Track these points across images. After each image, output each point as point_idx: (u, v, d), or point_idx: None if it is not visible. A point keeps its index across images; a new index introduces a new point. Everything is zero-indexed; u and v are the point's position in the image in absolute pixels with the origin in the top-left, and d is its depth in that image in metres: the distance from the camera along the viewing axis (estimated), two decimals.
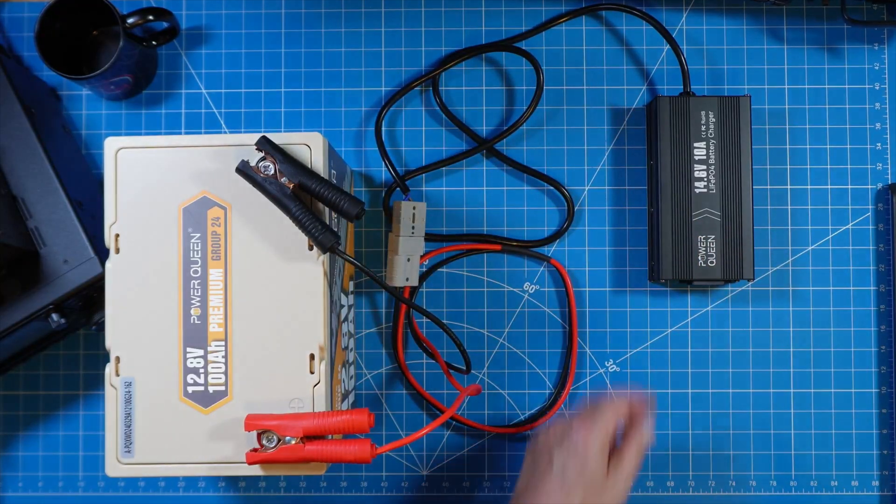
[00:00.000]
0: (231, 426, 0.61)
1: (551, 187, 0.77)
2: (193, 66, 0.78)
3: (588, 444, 0.64)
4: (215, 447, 0.61)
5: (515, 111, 0.77)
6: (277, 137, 0.61)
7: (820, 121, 0.77)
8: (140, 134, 0.78)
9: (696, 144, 0.71)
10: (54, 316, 0.67)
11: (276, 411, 0.60)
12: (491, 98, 0.78)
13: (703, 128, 0.71)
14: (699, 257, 0.71)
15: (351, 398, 0.73)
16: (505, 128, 0.77)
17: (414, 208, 0.73)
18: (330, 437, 0.61)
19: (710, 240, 0.71)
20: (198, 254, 0.62)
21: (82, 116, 0.78)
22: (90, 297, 0.70)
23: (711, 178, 0.71)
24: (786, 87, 0.77)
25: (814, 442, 0.76)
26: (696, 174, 0.71)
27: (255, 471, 0.60)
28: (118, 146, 0.63)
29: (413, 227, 0.73)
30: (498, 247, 0.77)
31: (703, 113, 0.71)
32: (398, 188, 0.76)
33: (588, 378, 0.77)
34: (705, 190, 0.71)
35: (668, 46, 0.76)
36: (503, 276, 0.77)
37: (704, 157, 0.71)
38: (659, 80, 0.77)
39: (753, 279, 0.72)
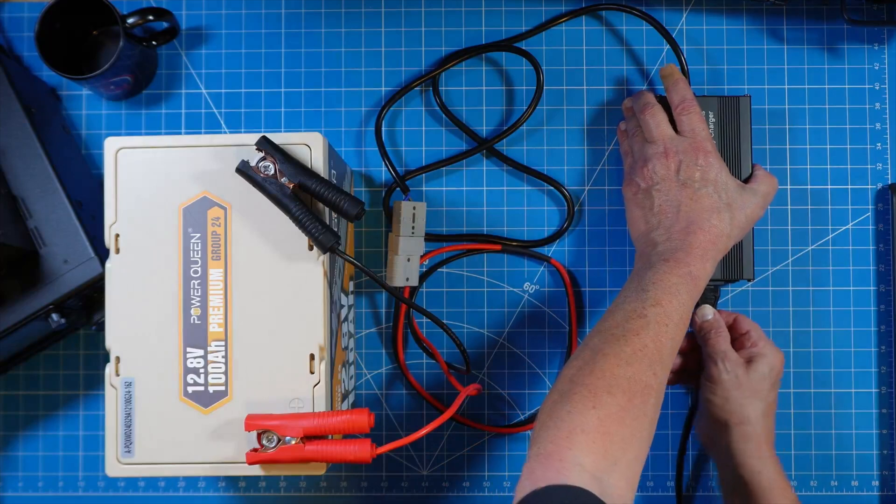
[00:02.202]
0: (231, 426, 0.61)
1: (551, 187, 0.77)
2: (193, 66, 0.78)
3: (710, 161, 0.66)
4: (215, 447, 0.61)
5: (515, 111, 0.77)
6: (277, 137, 0.61)
7: (820, 121, 0.77)
8: (140, 134, 0.78)
9: None
10: (54, 316, 0.67)
11: (276, 411, 0.60)
12: (491, 98, 0.78)
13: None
14: None
15: (351, 398, 0.73)
16: (505, 128, 0.77)
17: (414, 208, 0.73)
18: (330, 437, 0.61)
19: None
20: (198, 254, 0.62)
21: (82, 116, 0.78)
22: (90, 297, 0.70)
23: None
24: (786, 87, 0.77)
25: (814, 442, 0.76)
26: None
27: (255, 471, 0.60)
28: (118, 146, 0.63)
29: (413, 227, 0.73)
30: (498, 247, 0.76)
31: (703, 113, 0.71)
32: (398, 188, 0.76)
33: None
34: None
35: (668, 46, 0.76)
36: (503, 276, 0.77)
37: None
38: (659, 79, 0.77)
39: (753, 279, 0.72)
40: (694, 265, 0.62)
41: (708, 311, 0.71)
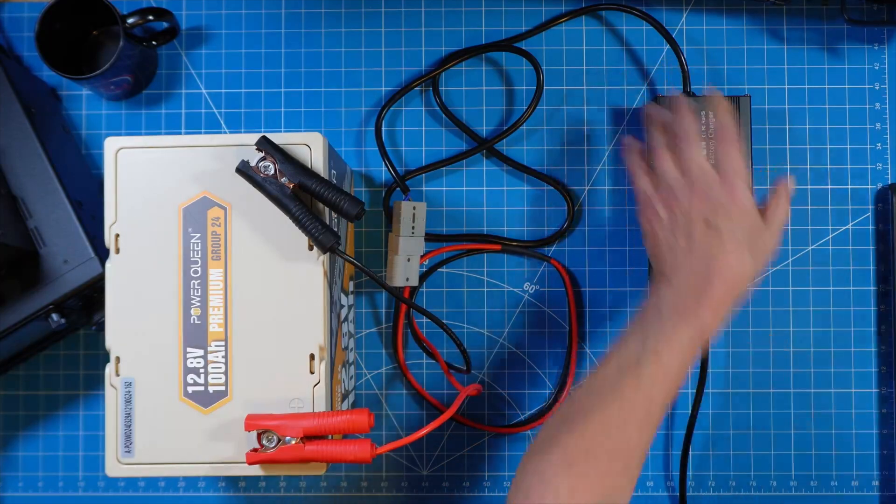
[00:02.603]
0: (231, 426, 0.61)
1: (551, 187, 0.77)
2: (193, 66, 0.78)
3: (737, 196, 0.61)
4: (215, 447, 0.61)
5: (515, 111, 0.77)
6: (277, 137, 0.61)
7: (820, 121, 0.77)
8: (140, 134, 0.78)
9: None
10: (54, 316, 0.67)
11: (276, 411, 0.60)
12: (491, 98, 0.78)
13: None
14: None
15: (351, 398, 0.73)
16: (505, 128, 0.77)
17: (414, 208, 0.73)
18: (330, 437, 0.61)
19: None
20: (198, 254, 0.62)
21: (82, 116, 0.78)
22: (90, 297, 0.70)
23: None
24: (786, 87, 0.77)
25: (814, 442, 0.76)
26: None
27: (255, 471, 0.60)
28: (118, 146, 0.63)
29: (413, 227, 0.73)
30: (498, 247, 0.76)
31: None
32: (398, 188, 0.76)
33: None
34: None
35: (668, 46, 0.76)
36: (503, 276, 0.77)
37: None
38: (659, 80, 0.77)
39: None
40: (705, 317, 0.58)
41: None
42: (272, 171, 0.60)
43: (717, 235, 0.60)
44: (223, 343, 0.61)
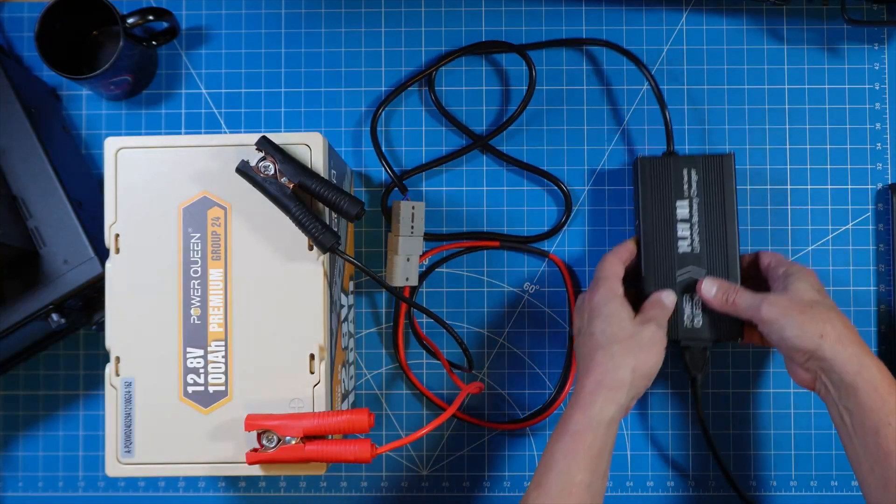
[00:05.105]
0: (231, 426, 0.61)
1: (551, 185, 0.77)
2: (193, 66, 0.78)
3: (594, 302, 0.67)
4: (215, 447, 0.61)
5: (513, 111, 0.77)
6: (277, 137, 0.61)
7: (820, 121, 0.77)
8: (140, 134, 0.78)
9: (678, 203, 0.70)
10: (54, 316, 0.67)
11: (276, 411, 0.60)
12: (490, 98, 0.78)
13: (686, 187, 0.70)
14: (685, 317, 0.70)
15: (351, 398, 0.73)
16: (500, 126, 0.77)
17: (413, 208, 0.73)
18: (330, 437, 0.61)
19: (695, 299, 0.70)
20: (198, 254, 0.62)
21: (82, 116, 0.78)
22: (90, 297, 0.70)
23: (695, 236, 0.70)
24: (786, 87, 0.77)
25: (814, 442, 0.76)
26: (680, 233, 0.70)
27: (255, 471, 0.60)
28: (118, 146, 0.63)
29: (412, 227, 0.73)
30: (496, 243, 0.76)
31: (685, 171, 0.70)
32: (396, 188, 0.76)
33: None
34: (689, 249, 0.70)
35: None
36: (503, 276, 0.77)
37: (687, 217, 0.70)
38: (658, 80, 0.77)
39: (743, 338, 0.70)
40: (576, 414, 0.62)
41: (708, 286, 0.68)
42: (272, 171, 0.60)
43: (582, 338, 0.67)
44: (223, 343, 0.61)
